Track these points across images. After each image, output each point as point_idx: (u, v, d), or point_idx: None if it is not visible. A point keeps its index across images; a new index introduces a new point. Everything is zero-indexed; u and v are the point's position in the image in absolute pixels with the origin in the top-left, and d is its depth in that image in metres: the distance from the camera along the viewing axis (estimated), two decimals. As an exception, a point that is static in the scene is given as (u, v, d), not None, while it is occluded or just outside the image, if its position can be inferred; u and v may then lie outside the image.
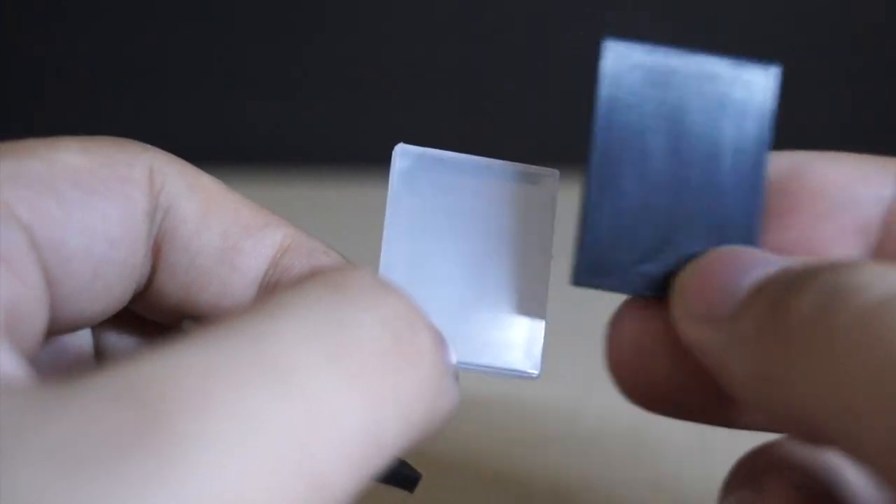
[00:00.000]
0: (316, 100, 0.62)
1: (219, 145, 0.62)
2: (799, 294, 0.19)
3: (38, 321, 0.19)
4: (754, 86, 0.22)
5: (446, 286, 0.23)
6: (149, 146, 0.22)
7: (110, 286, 0.21)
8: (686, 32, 0.60)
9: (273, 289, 0.23)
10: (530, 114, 0.61)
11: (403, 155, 0.24)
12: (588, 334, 0.32)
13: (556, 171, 0.24)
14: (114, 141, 0.22)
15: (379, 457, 0.17)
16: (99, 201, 0.21)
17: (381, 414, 0.17)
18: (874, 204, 0.23)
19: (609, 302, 0.24)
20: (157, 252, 0.22)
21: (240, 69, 0.62)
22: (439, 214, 0.23)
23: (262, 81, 0.62)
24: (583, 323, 0.31)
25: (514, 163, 0.24)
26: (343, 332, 0.17)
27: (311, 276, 0.19)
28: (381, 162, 0.61)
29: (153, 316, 0.24)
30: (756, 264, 0.21)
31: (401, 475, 0.23)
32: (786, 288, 0.19)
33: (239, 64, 0.62)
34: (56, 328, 0.21)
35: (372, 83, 0.61)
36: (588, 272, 0.22)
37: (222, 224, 0.22)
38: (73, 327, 0.22)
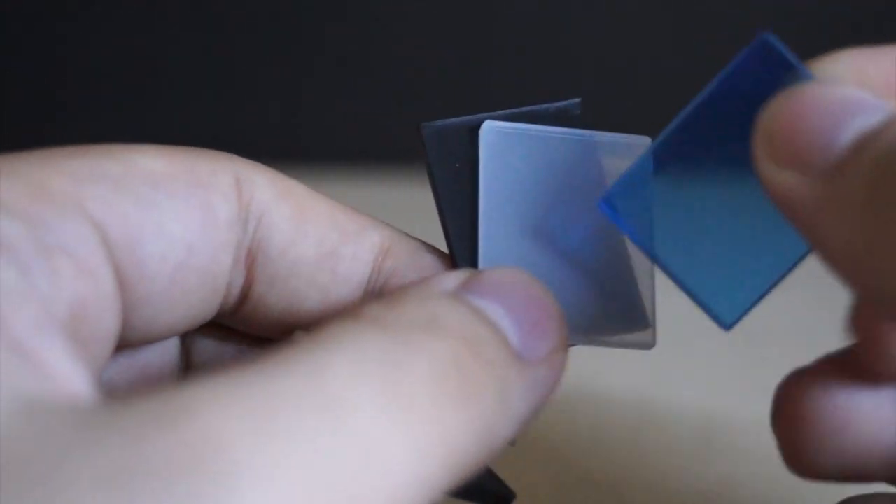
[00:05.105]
0: (316, 100, 0.62)
1: (219, 146, 0.62)
2: None
3: (108, 323, 0.19)
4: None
5: (551, 261, 0.23)
6: (234, 156, 0.22)
7: (189, 294, 0.21)
8: (683, 32, 0.60)
9: (380, 295, 0.22)
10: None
11: (490, 132, 0.23)
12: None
13: (648, 138, 0.23)
14: (196, 150, 0.21)
15: (426, 498, 0.17)
16: (178, 205, 0.20)
17: (429, 459, 0.17)
18: None
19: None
20: (251, 263, 0.22)
21: (240, 69, 0.62)
22: (533, 189, 0.23)
23: (261, 81, 0.62)
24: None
25: (602, 132, 0.23)
26: (393, 374, 0.17)
27: (361, 315, 0.18)
28: (381, 161, 0.61)
29: (257, 331, 0.23)
30: (857, 110, 0.18)
31: (491, 493, 0.22)
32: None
33: (239, 64, 0.62)
34: (132, 337, 0.20)
35: (373, 83, 0.61)
36: None
37: (318, 231, 0.22)
38: (150, 338, 0.21)
